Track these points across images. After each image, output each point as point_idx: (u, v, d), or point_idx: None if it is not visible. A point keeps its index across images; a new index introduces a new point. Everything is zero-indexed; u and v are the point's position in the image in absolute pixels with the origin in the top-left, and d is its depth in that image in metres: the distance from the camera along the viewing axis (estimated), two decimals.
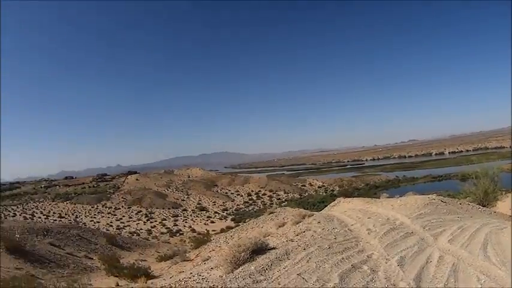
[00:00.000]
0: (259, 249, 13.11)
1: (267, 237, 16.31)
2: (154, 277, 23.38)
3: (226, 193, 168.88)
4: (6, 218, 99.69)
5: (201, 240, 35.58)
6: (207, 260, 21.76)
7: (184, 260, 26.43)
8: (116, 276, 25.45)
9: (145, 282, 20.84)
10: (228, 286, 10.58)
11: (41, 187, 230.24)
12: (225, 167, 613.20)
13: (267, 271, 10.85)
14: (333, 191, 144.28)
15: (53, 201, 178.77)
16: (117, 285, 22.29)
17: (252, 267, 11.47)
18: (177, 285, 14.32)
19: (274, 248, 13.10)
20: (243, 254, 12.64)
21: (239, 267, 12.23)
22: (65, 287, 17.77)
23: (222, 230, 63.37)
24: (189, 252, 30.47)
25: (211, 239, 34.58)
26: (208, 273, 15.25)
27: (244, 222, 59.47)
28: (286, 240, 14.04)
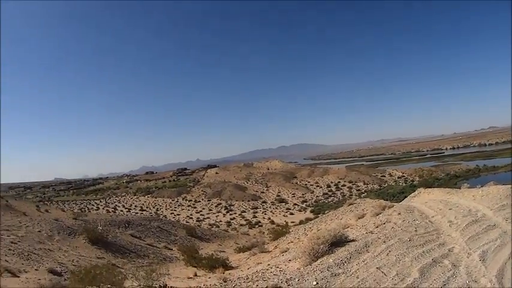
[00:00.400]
0: (338, 242, 12.86)
1: (346, 229, 15.99)
2: (232, 268, 23.52)
3: (305, 185, 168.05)
4: (89, 212, 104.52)
5: (280, 232, 35.42)
6: (285, 252, 21.60)
7: (262, 252, 26.37)
8: (195, 267, 25.84)
9: (223, 273, 21.00)
10: (306, 279, 10.39)
11: (123, 182, 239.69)
12: (304, 159, 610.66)
13: (345, 264, 10.59)
14: (412, 181, 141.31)
15: (134, 195, 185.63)
16: (195, 275, 22.60)
17: (331, 260, 11.23)
18: (254, 276, 14.29)
19: (353, 240, 12.82)
20: (321, 246, 12.42)
21: (317, 259, 12.02)
22: (143, 275, 18.20)
23: (301, 222, 63.07)
24: (268, 243, 30.41)
25: (290, 230, 34.37)
26: (285, 265, 15.12)
27: (324, 213, 58.89)
28: (366, 232, 13.72)
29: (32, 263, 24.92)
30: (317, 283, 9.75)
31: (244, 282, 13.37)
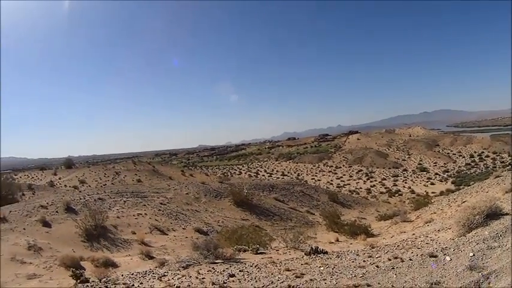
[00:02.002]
0: (492, 214, 12.24)
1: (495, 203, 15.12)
2: (373, 235, 23.28)
3: (447, 154, 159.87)
4: (232, 176, 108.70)
5: (421, 201, 34.40)
6: (430, 222, 20.96)
7: (404, 221, 25.80)
8: (336, 232, 25.98)
9: (365, 240, 20.89)
10: (462, 250, 10.02)
11: (265, 148, 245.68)
12: (447, 126, 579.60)
13: (501, 238, 10.06)
14: None
15: (276, 161, 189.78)
16: (337, 240, 22.71)
17: (486, 232, 10.73)
18: (404, 244, 14.04)
19: (507, 214, 12.10)
20: (477, 217, 11.94)
21: (471, 231, 11.55)
22: (291, 238, 18.66)
23: (442, 193, 60.61)
24: (409, 213, 29.70)
25: (432, 201, 33.19)
26: (435, 235, 14.66)
27: (466, 185, 55.84)
28: None
29: (179, 223, 26.64)
30: (474, 255, 9.31)
31: (396, 249, 13.14)
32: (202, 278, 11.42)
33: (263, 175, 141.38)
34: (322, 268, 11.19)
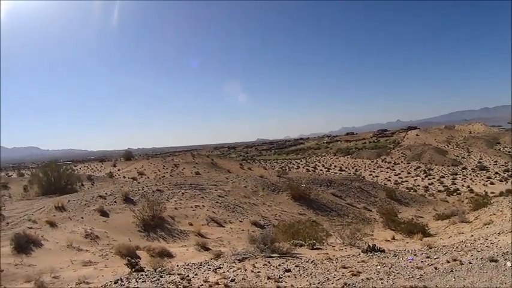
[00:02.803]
0: None
1: None
2: (430, 235, 22.77)
3: (509, 152, 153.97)
4: (290, 170, 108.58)
5: (481, 202, 33.27)
6: (489, 224, 20.37)
7: (462, 221, 25.12)
8: (392, 230, 25.58)
9: (421, 240, 20.46)
10: None
11: (324, 142, 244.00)
12: (508, 123, 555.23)
13: None
14: None
15: (334, 156, 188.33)
16: (393, 238, 22.35)
17: None
18: (463, 246, 13.68)
19: None
20: None
21: None
22: (348, 234, 18.54)
23: (501, 193, 58.32)
24: (467, 213, 28.83)
25: (492, 202, 32.08)
26: (496, 238, 14.24)
27: None
28: None
29: (236, 215, 26.89)
30: None
31: (454, 251, 12.82)
32: (258, 272, 11.47)
33: (321, 170, 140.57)
34: (379, 267, 11.05)
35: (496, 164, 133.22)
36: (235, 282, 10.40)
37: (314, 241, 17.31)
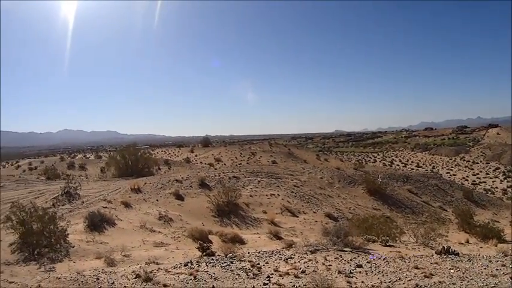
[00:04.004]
0: None
1: None
2: (505, 241, 21.81)
3: None
4: (366, 163, 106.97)
5: None
6: None
7: None
8: (467, 233, 24.74)
9: (496, 245, 19.69)
10: None
11: (402, 137, 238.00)
12: None
13: None
14: None
15: (411, 151, 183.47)
16: (467, 241, 21.59)
17: None
18: None
19: None
20: None
21: None
22: (422, 233, 18.19)
23: None
24: None
25: None
26: None
27: None
28: None
29: (311, 206, 26.97)
30: None
31: None
32: (329, 265, 11.49)
33: (397, 165, 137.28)
34: (452, 271, 10.82)
35: None
36: (306, 274, 10.43)
37: (387, 238, 17.12)
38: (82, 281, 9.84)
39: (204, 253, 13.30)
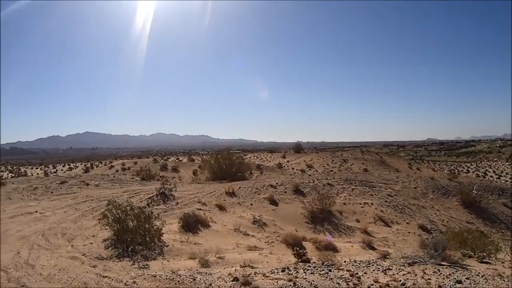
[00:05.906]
0: None
1: None
2: None
3: None
4: (459, 174, 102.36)
5: None
6: None
7: None
8: None
9: None
10: None
11: (496, 146, 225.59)
12: None
13: None
14: None
15: (506, 161, 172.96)
16: None
17: None
18: None
19: None
20: None
21: None
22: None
23: None
24: None
25: None
26: None
27: None
28: None
29: (404, 216, 26.17)
30: None
31: None
32: (428, 279, 10.92)
33: (491, 176, 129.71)
34: None
35: None
36: (406, 287, 10.07)
37: (484, 254, 16.52)
38: (178, 281, 10.10)
39: (300, 259, 13.19)
